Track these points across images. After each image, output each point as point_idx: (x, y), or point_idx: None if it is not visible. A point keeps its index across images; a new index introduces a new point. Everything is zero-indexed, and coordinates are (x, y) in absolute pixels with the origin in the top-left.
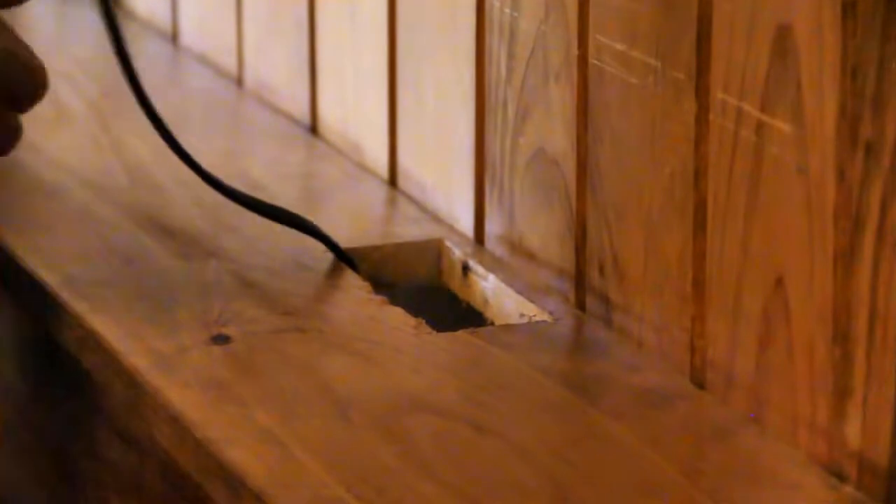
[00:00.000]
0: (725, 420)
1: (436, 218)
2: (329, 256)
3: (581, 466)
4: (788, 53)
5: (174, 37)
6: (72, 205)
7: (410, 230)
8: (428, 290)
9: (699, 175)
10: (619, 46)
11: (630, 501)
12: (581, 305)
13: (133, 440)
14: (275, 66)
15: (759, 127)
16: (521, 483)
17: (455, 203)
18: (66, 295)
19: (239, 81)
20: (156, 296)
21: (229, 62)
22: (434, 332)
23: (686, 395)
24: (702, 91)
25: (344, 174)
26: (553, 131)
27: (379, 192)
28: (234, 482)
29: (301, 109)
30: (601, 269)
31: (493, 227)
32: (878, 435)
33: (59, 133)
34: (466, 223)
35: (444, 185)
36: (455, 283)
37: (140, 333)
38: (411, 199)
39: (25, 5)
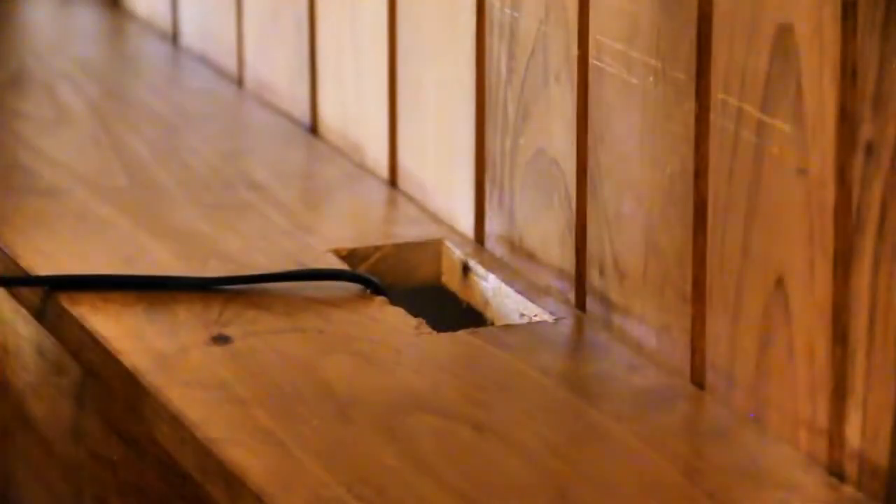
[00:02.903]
0: (725, 420)
1: (436, 218)
2: (329, 256)
3: (581, 466)
4: (788, 53)
5: (174, 37)
6: (72, 205)
7: (410, 230)
8: (428, 290)
9: (699, 175)
10: (619, 46)
11: (630, 501)
12: (581, 306)
13: (133, 440)
14: (275, 66)
15: (759, 127)
16: (521, 483)
17: (455, 203)
18: (66, 295)
19: (239, 81)
20: (156, 296)
21: (229, 62)
22: (434, 332)
23: (686, 395)
24: (702, 91)
25: (344, 174)
26: (553, 131)
27: (379, 193)
28: (234, 482)
29: (301, 109)
30: (601, 270)
31: (493, 227)
32: (878, 435)
33: (59, 133)
34: (466, 223)
35: (444, 185)
36: (455, 283)
37: (140, 333)
38: (411, 200)
39: (25, 6)
